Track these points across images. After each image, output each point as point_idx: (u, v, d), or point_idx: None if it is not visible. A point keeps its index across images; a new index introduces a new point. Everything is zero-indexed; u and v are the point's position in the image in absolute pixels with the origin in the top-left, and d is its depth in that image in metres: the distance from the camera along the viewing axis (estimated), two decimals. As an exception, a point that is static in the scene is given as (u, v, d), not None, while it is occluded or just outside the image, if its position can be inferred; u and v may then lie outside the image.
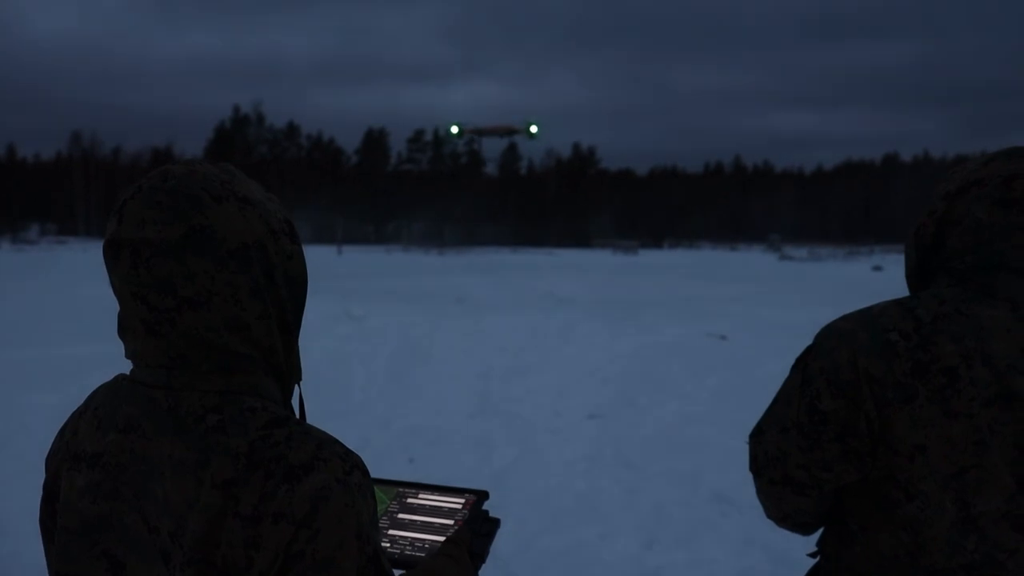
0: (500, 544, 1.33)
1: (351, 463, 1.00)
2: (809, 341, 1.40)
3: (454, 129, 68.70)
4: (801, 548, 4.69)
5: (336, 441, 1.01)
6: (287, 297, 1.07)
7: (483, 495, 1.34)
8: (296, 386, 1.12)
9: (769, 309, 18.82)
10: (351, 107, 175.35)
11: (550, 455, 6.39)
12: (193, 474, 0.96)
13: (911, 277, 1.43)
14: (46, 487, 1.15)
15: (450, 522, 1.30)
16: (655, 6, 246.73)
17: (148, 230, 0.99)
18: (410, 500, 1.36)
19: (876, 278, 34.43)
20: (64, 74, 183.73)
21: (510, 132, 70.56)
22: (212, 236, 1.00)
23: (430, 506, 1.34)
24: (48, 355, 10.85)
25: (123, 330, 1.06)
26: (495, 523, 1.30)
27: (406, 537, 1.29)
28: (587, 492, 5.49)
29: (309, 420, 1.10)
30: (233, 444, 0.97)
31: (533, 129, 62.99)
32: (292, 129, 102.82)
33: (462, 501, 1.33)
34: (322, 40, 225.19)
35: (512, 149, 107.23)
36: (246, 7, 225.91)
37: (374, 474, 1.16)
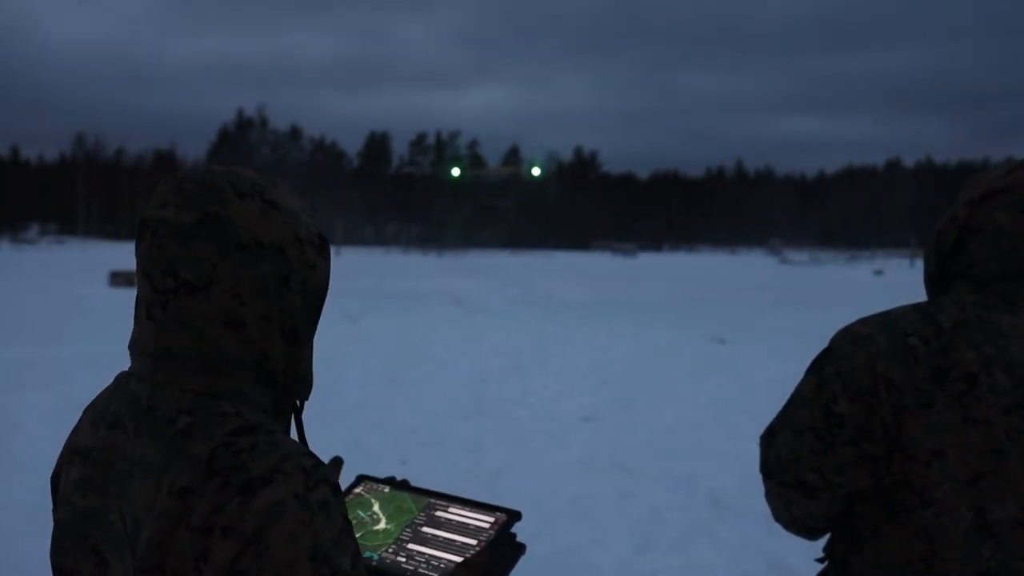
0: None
1: (317, 478, 0.93)
2: (808, 345, 1.37)
3: (456, 171, 70.58)
4: (798, 554, 4.60)
5: (307, 453, 0.94)
6: (300, 306, 1.04)
7: (515, 516, 1.26)
8: (296, 401, 1.08)
9: (768, 313, 18.78)
10: (354, 111, 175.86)
11: (544, 458, 6.31)
12: (155, 478, 0.93)
13: (930, 282, 1.44)
14: (52, 480, 1.16)
15: (473, 542, 1.23)
16: (660, 12, 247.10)
17: (168, 211, 1.01)
18: (439, 513, 1.30)
19: (877, 283, 34.41)
20: (69, 77, 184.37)
21: (513, 173, 72.13)
22: (225, 226, 0.99)
23: (457, 522, 1.28)
24: (45, 355, 10.80)
25: (135, 316, 1.07)
26: (520, 549, 1.22)
27: (423, 553, 1.24)
28: (580, 495, 5.40)
29: (304, 421, 1.04)
30: (196, 450, 0.93)
31: (536, 171, 64.39)
32: (295, 132, 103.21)
33: (491, 520, 1.26)
34: (326, 44, 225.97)
35: (514, 152, 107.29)
36: (251, 11, 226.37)
37: (370, 474, 1.09)
